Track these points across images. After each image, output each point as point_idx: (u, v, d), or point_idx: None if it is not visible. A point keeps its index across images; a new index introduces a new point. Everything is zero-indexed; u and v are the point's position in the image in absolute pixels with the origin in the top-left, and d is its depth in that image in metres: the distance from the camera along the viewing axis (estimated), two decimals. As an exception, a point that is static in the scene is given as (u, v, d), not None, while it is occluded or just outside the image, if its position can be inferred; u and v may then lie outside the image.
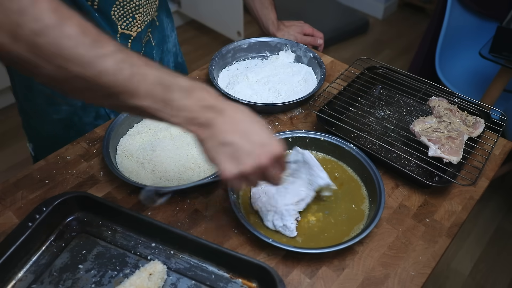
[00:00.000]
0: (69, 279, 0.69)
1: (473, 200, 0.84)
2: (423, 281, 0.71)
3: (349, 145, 0.86)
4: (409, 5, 3.35)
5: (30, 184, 0.84)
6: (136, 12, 0.90)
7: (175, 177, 0.84)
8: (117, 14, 0.87)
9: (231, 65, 1.16)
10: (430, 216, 0.81)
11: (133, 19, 0.91)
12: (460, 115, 0.93)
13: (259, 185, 0.65)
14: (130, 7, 0.88)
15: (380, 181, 0.79)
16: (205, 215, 0.80)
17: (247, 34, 2.81)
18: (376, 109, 1.03)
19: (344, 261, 0.74)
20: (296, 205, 0.77)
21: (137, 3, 0.90)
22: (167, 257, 0.72)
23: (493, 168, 0.91)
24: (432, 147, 0.83)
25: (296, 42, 1.17)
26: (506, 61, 1.49)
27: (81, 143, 0.93)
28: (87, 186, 0.84)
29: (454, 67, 1.98)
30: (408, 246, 0.76)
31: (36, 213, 0.72)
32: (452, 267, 1.77)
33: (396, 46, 3.00)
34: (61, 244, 0.74)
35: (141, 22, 0.93)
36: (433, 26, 1.97)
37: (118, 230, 0.76)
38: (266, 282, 0.66)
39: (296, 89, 1.07)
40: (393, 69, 1.07)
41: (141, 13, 0.91)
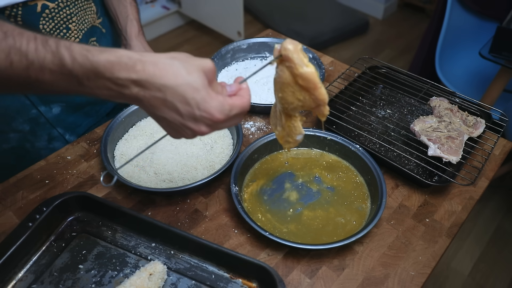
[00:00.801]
0: (70, 279, 0.69)
1: (473, 200, 0.84)
2: (423, 281, 0.71)
3: (355, 145, 0.87)
4: (409, 5, 3.35)
5: (30, 184, 0.84)
6: (69, 23, 0.85)
7: (179, 178, 0.84)
8: (47, 27, 0.81)
9: (230, 66, 1.16)
10: (430, 216, 0.81)
11: (68, 30, 0.85)
12: (461, 115, 0.93)
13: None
14: (60, 18, 0.83)
15: (383, 182, 0.79)
16: (205, 215, 0.80)
17: (247, 34, 2.82)
18: (377, 108, 1.03)
19: (344, 261, 0.74)
20: None
21: (67, 13, 0.84)
22: (167, 257, 0.73)
23: (493, 168, 0.91)
24: (431, 146, 0.83)
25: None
26: (506, 61, 1.49)
27: (81, 143, 0.93)
28: (87, 186, 0.84)
29: (454, 67, 1.98)
30: (408, 246, 0.76)
31: (36, 213, 0.72)
32: (452, 267, 1.77)
33: (396, 46, 3.00)
34: (61, 244, 0.74)
35: (77, 32, 0.87)
36: (433, 26, 1.97)
37: (118, 230, 0.76)
38: (266, 282, 0.66)
39: (296, 89, 1.07)
40: (394, 68, 1.07)
41: (75, 22, 0.86)
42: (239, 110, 0.54)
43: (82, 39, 0.89)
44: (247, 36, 2.54)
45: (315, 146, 0.92)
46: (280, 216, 0.79)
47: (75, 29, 0.86)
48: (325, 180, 0.86)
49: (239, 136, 0.88)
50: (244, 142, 0.95)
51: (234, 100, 0.54)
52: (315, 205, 0.81)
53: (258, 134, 0.97)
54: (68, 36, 0.86)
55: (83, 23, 0.88)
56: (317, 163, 0.89)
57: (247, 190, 0.84)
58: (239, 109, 0.54)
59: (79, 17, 0.87)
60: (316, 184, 0.85)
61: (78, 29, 0.87)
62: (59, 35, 0.83)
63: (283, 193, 0.83)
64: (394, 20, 3.28)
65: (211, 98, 0.51)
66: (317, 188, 0.84)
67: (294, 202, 0.82)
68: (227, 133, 0.93)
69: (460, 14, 1.94)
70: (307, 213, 0.80)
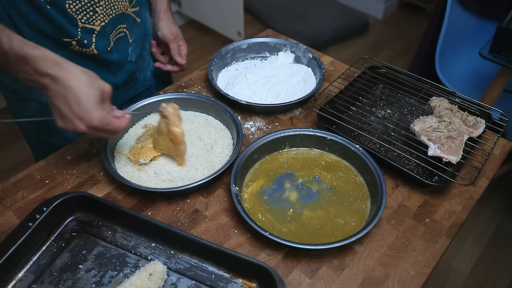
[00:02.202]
0: (70, 279, 0.69)
1: (473, 200, 0.84)
2: (423, 281, 0.71)
3: (355, 145, 0.87)
4: (409, 5, 3.35)
5: (30, 184, 0.84)
6: (97, 6, 0.86)
7: (179, 178, 0.84)
8: (73, 7, 0.83)
9: (230, 66, 1.16)
10: (430, 216, 0.81)
11: (94, 13, 0.86)
12: (461, 115, 0.93)
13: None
14: (87, 0, 0.84)
15: (383, 182, 0.79)
16: (205, 215, 0.80)
17: (247, 34, 2.82)
18: (377, 108, 1.03)
19: (344, 261, 0.74)
20: None
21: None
22: (167, 257, 0.73)
23: (493, 168, 0.91)
24: (431, 146, 0.83)
25: (295, 42, 1.17)
26: (506, 61, 1.49)
27: (81, 143, 0.93)
28: (87, 186, 0.84)
29: (454, 67, 1.98)
30: (408, 246, 0.76)
31: (36, 213, 0.72)
32: (452, 267, 1.77)
33: (396, 46, 3.00)
34: (61, 244, 0.74)
35: (103, 16, 0.88)
36: (433, 26, 1.97)
37: (118, 230, 0.76)
38: (266, 282, 0.66)
39: (295, 89, 1.07)
40: (395, 68, 1.07)
41: (102, 6, 0.87)
42: (113, 128, 0.72)
43: (108, 23, 0.90)
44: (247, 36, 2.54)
45: (315, 146, 0.92)
46: (280, 216, 0.79)
47: (101, 13, 0.87)
48: (325, 180, 0.86)
49: (239, 137, 0.88)
50: (244, 142, 0.95)
51: (113, 120, 0.72)
52: (315, 205, 0.81)
53: (258, 134, 0.97)
54: (94, 19, 0.87)
55: (111, 9, 0.89)
56: (317, 163, 0.89)
57: (247, 190, 0.84)
58: (113, 127, 0.72)
59: (107, 2, 0.88)
60: (316, 184, 0.85)
61: (105, 13, 0.88)
62: (84, 17, 0.85)
63: (283, 193, 0.83)
64: (394, 20, 3.28)
65: (96, 109, 0.68)
66: (317, 188, 0.84)
67: (294, 202, 0.82)
68: (227, 133, 0.93)
69: (460, 14, 1.94)
70: (307, 213, 0.80)
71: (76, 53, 0.89)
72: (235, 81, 1.08)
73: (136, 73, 1.05)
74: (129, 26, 0.97)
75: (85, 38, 0.87)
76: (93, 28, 0.88)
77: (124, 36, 0.97)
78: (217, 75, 1.12)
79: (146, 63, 1.08)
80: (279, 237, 0.71)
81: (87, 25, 0.86)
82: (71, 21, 0.84)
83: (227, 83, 1.09)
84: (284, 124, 1.00)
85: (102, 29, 0.89)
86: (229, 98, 0.99)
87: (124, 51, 0.98)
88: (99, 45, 0.91)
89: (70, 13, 0.83)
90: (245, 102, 0.98)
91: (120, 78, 1.01)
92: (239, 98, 1.00)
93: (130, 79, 1.04)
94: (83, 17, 0.85)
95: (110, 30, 0.92)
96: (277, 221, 0.78)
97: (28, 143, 1.12)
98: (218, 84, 1.07)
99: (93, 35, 0.89)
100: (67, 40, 0.86)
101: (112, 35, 0.93)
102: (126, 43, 0.98)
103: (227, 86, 1.08)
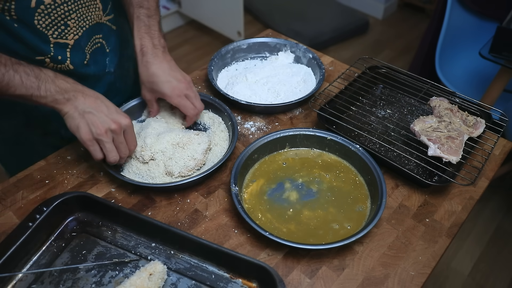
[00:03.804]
0: (69, 279, 0.69)
1: (473, 200, 0.84)
2: (423, 281, 0.71)
3: (355, 145, 0.87)
4: (409, 5, 3.35)
5: (31, 184, 0.84)
6: (68, 19, 0.81)
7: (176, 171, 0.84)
8: (42, 23, 0.78)
9: (230, 66, 1.16)
10: (430, 216, 0.81)
11: (66, 27, 0.82)
12: (461, 115, 0.93)
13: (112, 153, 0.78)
14: (58, 14, 0.80)
15: (383, 182, 0.79)
16: (205, 215, 0.80)
17: (247, 34, 2.82)
18: (377, 108, 1.03)
19: (344, 261, 0.74)
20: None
21: (66, 9, 0.80)
22: (167, 257, 0.73)
23: (493, 168, 0.91)
24: (431, 146, 0.83)
25: (295, 42, 1.17)
26: (506, 61, 1.49)
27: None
28: (88, 186, 0.84)
29: (454, 67, 1.98)
30: (408, 246, 0.76)
31: (36, 213, 0.72)
32: (452, 267, 1.77)
33: (396, 46, 3.00)
34: (61, 244, 0.74)
35: (76, 28, 0.84)
36: (433, 26, 1.97)
37: (118, 230, 0.76)
38: (266, 282, 0.66)
39: (295, 89, 1.07)
40: (394, 68, 1.07)
41: (74, 19, 0.82)
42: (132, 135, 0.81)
43: (82, 36, 0.86)
44: (247, 36, 2.54)
45: (315, 146, 0.92)
46: (280, 216, 0.79)
47: (74, 26, 0.83)
48: (325, 180, 0.86)
49: (234, 135, 0.88)
50: (244, 142, 0.95)
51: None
52: (315, 205, 0.81)
53: (258, 134, 0.97)
54: (67, 32, 0.83)
55: (84, 20, 0.85)
56: (317, 163, 0.89)
57: (247, 190, 0.84)
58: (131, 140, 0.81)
59: (79, 14, 0.83)
60: (316, 184, 0.85)
61: (78, 26, 0.84)
62: (56, 32, 0.81)
63: (283, 193, 0.83)
64: (394, 20, 3.28)
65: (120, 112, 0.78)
66: (317, 188, 0.84)
67: (294, 202, 0.82)
68: (226, 136, 0.93)
69: (460, 14, 1.94)
70: (307, 213, 0.80)
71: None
72: (235, 81, 1.08)
73: (115, 84, 1.00)
74: (105, 35, 0.92)
75: (59, 54, 0.83)
76: (67, 42, 0.83)
77: (101, 47, 0.92)
78: (217, 75, 1.12)
79: (125, 71, 1.03)
80: (279, 237, 0.71)
81: (59, 40, 0.82)
82: (42, 38, 0.80)
83: (227, 83, 1.09)
84: (284, 124, 1.00)
85: (76, 42, 0.85)
86: (229, 98, 0.99)
87: (101, 63, 0.94)
88: (75, 60, 0.86)
89: (40, 29, 0.79)
90: (245, 102, 0.98)
91: (99, 90, 0.92)
92: (239, 98, 1.00)
93: (109, 90, 0.97)
94: (54, 32, 0.81)
95: (85, 43, 0.87)
96: (277, 221, 0.78)
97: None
98: (218, 84, 1.07)
99: (67, 49, 0.84)
100: (40, 58, 0.82)
101: (87, 47, 0.88)
102: (103, 54, 0.93)
103: (227, 86, 1.08)
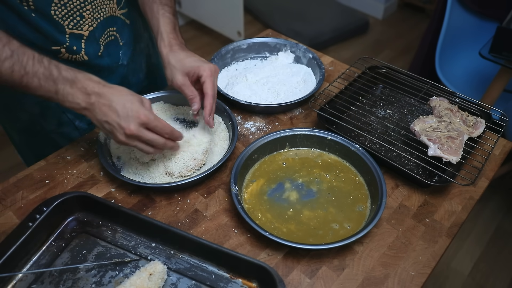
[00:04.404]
0: (69, 279, 0.69)
1: (473, 200, 0.84)
2: (423, 281, 0.71)
3: (355, 145, 0.87)
4: (409, 5, 3.35)
5: (31, 184, 0.84)
6: (83, 10, 0.84)
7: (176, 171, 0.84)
8: (59, 13, 0.81)
9: (230, 66, 1.16)
10: (430, 216, 0.81)
11: (81, 18, 0.84)
12: (461, 115, 0.93)
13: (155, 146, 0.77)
14: (73, 5, 0.82)
15: (383, 182, 0.79)
16: (205, 215, 0.80)
17: (247, 34, 2.81)
18: (377, 108, 1.03)
19: (344, 261, 0.74)
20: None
21: (81, 1, 0.83)
22: (167, 257, 0.73)
23: (493, 168, 0.91)
24: (431, 146, 0.83)
25: (295, 42, 1.17)
26: (506, 61, 1.49)
27: (81, 143, 0.93)
28: (87, 186, 0.84)
29: (454, 67, 1.98)
30: (408, 246, 0.76)
31: (36, 213, 0.72)
32: (452, 267, 1.77)
33: (396, 46, 3.00)
34: (61, 244, 0.74)
35: (91, 20, 0.86)
36: (433, 26, 1.97)
37: (118, 230, 0.76)
38: (266, 282, 0.66)
39: (295, 89, 1.07)
40: (394, 68, 1.07)
41: (89, 10, 0.84)
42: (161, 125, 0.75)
43: (97, 27, 0.88)
44: (247, 36, 2.54)
45: (315, 146, 0.92)
46: (280, 216, 0.79)
47: (89, 17, 0.85)
48: (325, 180, 0.86)
49: (234, 135, 0.88)
50: (244, 142, 0.95)
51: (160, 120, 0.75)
52: (315, 205, 0.81)
53: (258, 134, 0.97)
54: (82, 24, 0.84)
55: (99, 12, 0.87)
56: (317, 163, 0.89)
57: (247, 190, 0.84)
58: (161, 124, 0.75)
59: (94, 6, 0.85)
60: (316, 184, 0.85)
61: (93, 17, 0.86)
62: (72, 22, 0.83)
63: (283, 193, 0.83)
64: (394, 20, 3.28)
65: (141, 107, 0.73)
66: (317, 188, 0.84)
67: (294, 202, 0.82)
68: (226, 136, 0.93)
69: (460, 14, 1.94)
70: (307, 213, 0.80)
71: (65, 61, 0.86)
72: (235, 81, 1.08)
73: (128, 77, 1.03)
74: (119, 28, 0.94)
75: (74, 44, 0.85)
76: (82, 33, 0.86)
77: (115, 40, 0.94)
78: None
79: (138, 65, 1.05)
80: (279, 237, 0.71)
81: (75, 31, 0.84)
82: (58, 28, 0.82)
83: (227, 83, 1.09)
84: (284, 124, 1.00)
85: (91, 33, 0.87)
86: (229, 98, 0.99)
87: (115, 55, 0.96)
88: (89, 51, 0.89)
89: (56, 19, 0.81)
90: (245, 102, 0.98)
91: (112, 82, 0.95)
92: (239, 98, 1.00)
93: (122, 83, 0.98)
94: (70, 23, 0.83)
95: (100, 34, 0.89)
96: (277, 221, 0.78)
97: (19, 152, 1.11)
98: (218, 84, 1.07)
99: (82, 40, 0.87)
100: (55, 48, 0.84)
101: (101, 39, 0.90)
102: (117, 47, 0.96)
103: (227, 86, 1.08)
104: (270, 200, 0.82)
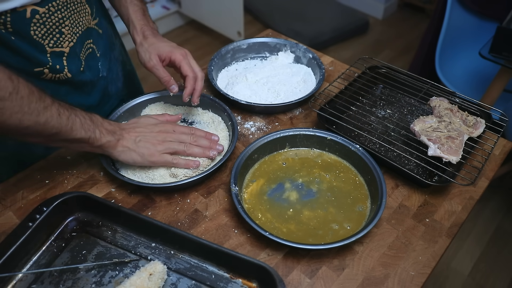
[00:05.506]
0: (69, 279, 0.69)
1: (473, 200, 0.84)
2: (423, 281, 0.71)
3: (355, 145, 0.87)
4: (409, 5, 3.35)
5: (30, 184, 0.84)
6: (62, 27, 0.81)
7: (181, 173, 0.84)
8: (38, 33, 0.77)
9: (230, 66, 1.16)
10: (430, 216, 0.81)
11: (61, 34, 0.81)
12: (461, 115, 0.93)
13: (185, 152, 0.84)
14: (52, 22, 0.79)
15: (383, 182, 0.79)
16: (205, 215, 0.80)
17: (247, 34, 2.82)
18: (377, 108, 1.03)
19: (344, 261, 0.74)
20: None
21: (59, 17, 0.80)
22: (167, 257, 0.73)
23: (493, 168, 0.91)
24: (431, 146, 0.83)
25: (295, 42, 1.17)
26: (506, 61, 1.49)
27: (81, 143, 0.93)
28: (87, 186, 0.84)
29: (454, 67, 1.98)
30: (408, 246, 0.76)
31: (36, 213, 0.72)
32: (452, 267, 1.77)
33: (396, 46, 3.00)
34: (61, 244, 0.74)
35: (71, 35, 0.83)
36: (433, 26, 1.97)
37: (118, 230, 0.76)
38: (266, 282, 0.66)
39: (295, 89, 1.07)
40: (394, 68, 1.07)
41: (68, 26, 0.82)
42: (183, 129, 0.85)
43: (76, 42, 0.85)
44: (247, 36, 2.54)
45: (315, 146, 0.92)
46: (280, 216, 0.79)
47: (68, 33, 0.83)
48: (325, 180, 0.86)
49: (234, 135, 0.88)
50: (244, 142, 0.95)
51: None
52: (315, 205, 0.81)
53: (258, 134, 0.97)
54: (62, 40, 0.82)
55: (77, 26, 0.85)
56: (317, 163, 0.89)
57: (247, 190, 0.84)
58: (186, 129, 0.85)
59: (72, 21, 0.83)
60: (316, 184, 0.85)
61: (72, 32, 0.84)
62: (51, 41, 0.80)
63: (283, 193, 0.83)
64: (394, 20, 3.28)
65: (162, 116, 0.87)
66: (317, 188, 0.84)
67: (294, 202, 0.82)
68: (226, 136, 0.93)
69: (460, 14, 1.94)
70: (307, 213, 0.80)
71: (49, 81, 0.84)
72: (235, 81, 1.08)
73: (108, 88, 1.00)
74: (95, 40, 0.92)
75: (56, 63, 0.83)
76: (62, 50, 0.83)
77: (92, 52, 0.92)
78: (217, 75, 1.12)
79: (115, 74, 1.03)
80: (279, 237, 0.71)
81: (55, 49, 0.82)
82: (39, 48, 0.79)
83: (227, 83, 1.09)
84: (284, 124, 1.00)
85: (72, 49, 0.85)
86: (229, 98, 0.99)
87: (95, 68, 0.94)
88: (72, 68, 0.86)
89: (36, 39, 0.78)
90: (245, 102, 0.98)
91: (95, 97, 0.96)
92: (239, 98, 1.00)
93: (103, 95, 0.98)
94: (50, 41, 0.80)
95: (80, 49, 0.87)
96: (277, 221, 0.78)
97: None
98: (218, 84, 1.07)
99: (63, 58, 0.84)
100: (38, 69, 0.81)
101: (82, 53, 0.88)
102: (95, 59, 0.93)
103: (227, 86, 1.08)
104: (270, 200, 0.82)
